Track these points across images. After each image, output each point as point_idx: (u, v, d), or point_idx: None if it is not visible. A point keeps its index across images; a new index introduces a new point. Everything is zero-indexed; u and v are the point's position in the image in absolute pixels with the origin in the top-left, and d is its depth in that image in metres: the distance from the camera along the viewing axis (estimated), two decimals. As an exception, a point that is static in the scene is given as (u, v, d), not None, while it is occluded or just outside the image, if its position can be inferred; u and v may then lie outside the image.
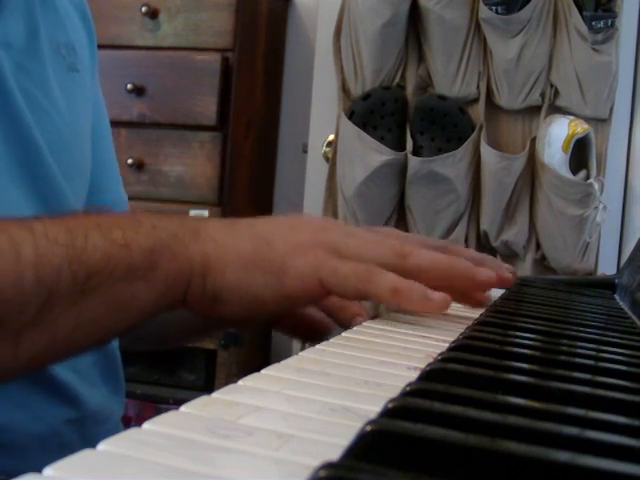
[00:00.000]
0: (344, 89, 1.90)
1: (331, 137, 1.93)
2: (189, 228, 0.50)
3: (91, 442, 0.22)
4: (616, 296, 0.82)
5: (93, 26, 0.78)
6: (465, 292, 0.59)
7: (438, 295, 0.49)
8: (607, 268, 1.81)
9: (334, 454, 0.22)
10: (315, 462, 0.21)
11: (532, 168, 1.83)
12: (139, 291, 0.47)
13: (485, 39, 1.82)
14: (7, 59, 0.62)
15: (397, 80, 1.88)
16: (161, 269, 0.47)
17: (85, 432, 0.65)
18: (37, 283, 0.43)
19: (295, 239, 0.51)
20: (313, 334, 0.63)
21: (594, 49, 1.77)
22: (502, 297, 0.67)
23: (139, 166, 1.95)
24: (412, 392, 0.29)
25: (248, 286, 0.49)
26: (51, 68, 0.67)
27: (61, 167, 0.65)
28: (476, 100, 1.86)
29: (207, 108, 1.94)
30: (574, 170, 1.79)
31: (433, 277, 0.51)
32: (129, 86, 1.94)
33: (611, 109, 1.83)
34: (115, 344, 0.71)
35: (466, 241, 1.87)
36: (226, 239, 0.50)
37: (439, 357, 0.36)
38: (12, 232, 0.44)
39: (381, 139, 1.83)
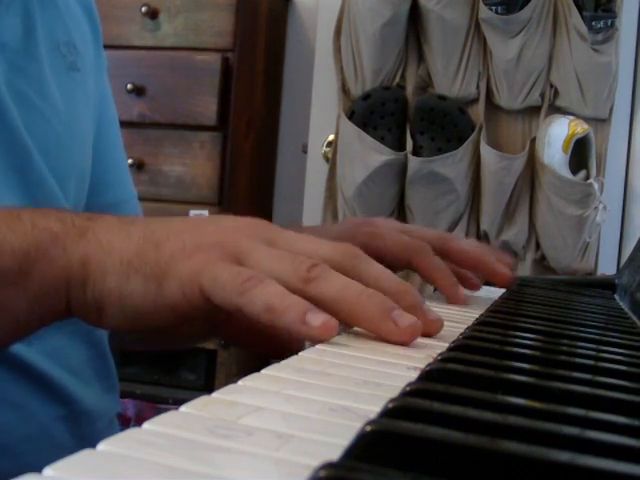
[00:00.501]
0: (344, 89, 1.90)
1: (331, 137, 1.93)
2: (77, 227, 0.45)
3: (84, 440, 0.22)
4: (616, 296, 0.82)
5: (99, 22, 0.77)
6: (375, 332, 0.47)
7: (319, 318, 0.39)
8: (607, 268, 1.81)
9: (334, 454, 0.22)
10: (315, 462, 0.21)
11: (532, 168, 1.83)
12: (10, 298, 0.43)
13: (485, 39, 1.82)
14: (0, 59, 0.61)
15: (397, 80, 1.88)
16: (35, 275, 0.43)
17: (78, 431, 0.65)
18: None
19: (189, 240, 0.44)
20: (268, 344, 0.53)
21: (594, 49, 1.77)
22: (502, 297, 0.67)
23: (139, 166, 1.95)
24: (412, 392, 0.29)
25: (127, 295, 0.43)
26: (49, 68, 0.66)
27: (54, 168, 0.64)
28: (476, 100, 1.86)
29: (207, 108, 1.94)
30: (574, 170, 1.79)
31: (336, 312, 0.41)
32: (129, 86, 1.94)
33: (611, 109, 1.83)
34: (105, 342, 0.71)
35: (466, 241, 1.87)
36: (112, 241, 0.44)
37: (439, 357, 0.36)
38: None
39: (381, 139, 1.83)
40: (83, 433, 0.65)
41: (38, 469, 0.20)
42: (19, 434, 0.60)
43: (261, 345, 0.53)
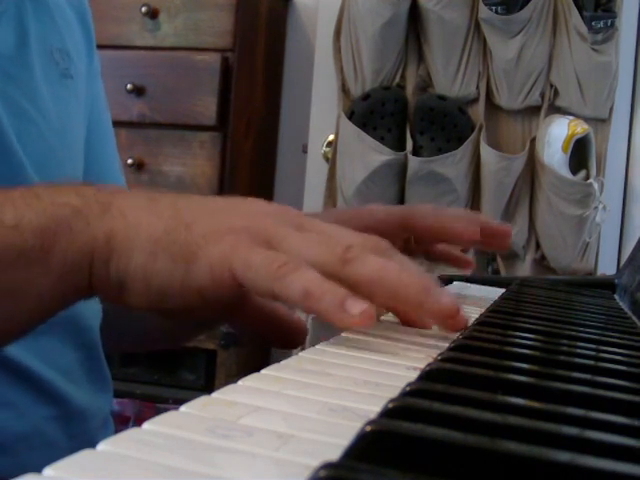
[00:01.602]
0: (344, 89, 1.90)
1: (331, 137, 1.93)
2: (100, 202, 0.44)
3: (77, 439, 0.22)
4: (616, 296, 0.82)
5: (93, 28, 0.77)
6: (409, 315, 0.49)
7: (358, 306, 0.39)
8: (607, 268, 1.81)
9: (334, 454, 0.22)
10: (315, 462, 0.21)
11: (532, 168, 1.83)
12: (34, 277, 0.42)
13: (485, 39, 1.82)
14: None
15: (397, 80, 1.89)
16: (57, 251, 0.42)
17: (70, 430, 0.65)
18: None
19: (219, 223, 0.43)
20: (276, 335, 0.52)
21: (594, 49, 1.77)
22: (502, 297, 0.67)
23: (139, 166, 1.95)
24: (412, 392, 0.29)
25: (153, 274, 0.42)
26: (42, 75, 0.66)
27: (45, 177, 0.64)
28: (476, 100, 1.86)
29: (207, 108, 1.94)
30: (574, 170, 1.79)
31: (374, 293, 0.41)
32: (129, 86, 1.94)
33: (611, 109, 1.83)
34: (98, 343, 0.71)
35: (466, 241, 1.87)
36: (139, 217, 0.43)
37: (439, 357, 0.36)
38: None
39: (381, 139, 1.83)
40: (76, 432, 0.65)
41: (32, 468, 0.20)
42: (11, 433, 0.60)
43: (267, 334, 0.52)
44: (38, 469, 0.20)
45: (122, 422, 1.79)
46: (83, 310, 0.67)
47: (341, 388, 0.31)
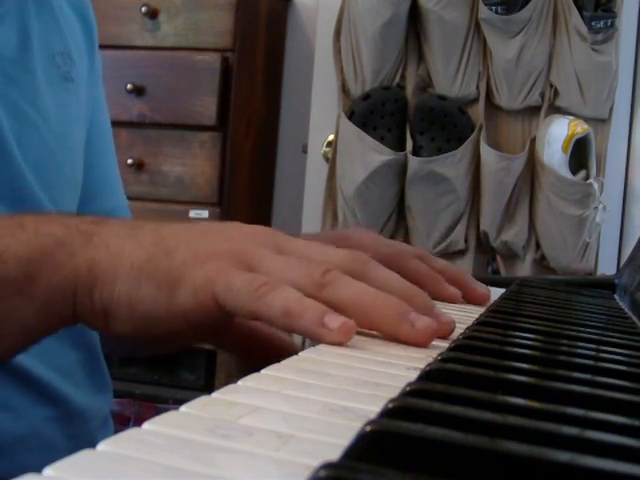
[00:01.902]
0: (344, 89, 1.90)
1: (331, 137, 1.93)
2: (82, 232, 0.45)
3: (76, 440, 0.22)
4: (616, 296, 0.82)
5: (95, 31, 0.77)
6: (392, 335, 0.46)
7: (337, 321, 0.39)
8: (607, 268, 1.81)
9: (334, 454, 0.22)
10: (315, 462, 0.21)
11: (532, 168, 1.83)
12: (17, 306, 0.43)
13: (485, 39, 1.82)
14: None
15: (397, 80, 1.89)
16: (41, 281, 0.43)
17: (69, 430, 0.65)
18: None
19: (200, 248, 0.43)
20: (262, 352, 0.53)
21: (594, 49, 1.77)
22: (502, 297, 0.67)
23: (139, 166, 1.95)
24: (412, 392, 0.29)
25: (138, 301, 0.42)
26: (43, 78, 0.66)
27: (44, 181, 0.64)
28: (476, 100, 1.86)
29: (207, 108, 1.94)
30: (574, 170, 1.79)
31: (351, 316, 0.41)
32: (129, 86, 1.94)
33: (611, 109, 1.83)
34: (97, 344, 0.71)
35: (466, 241, 1.88)
36: (121, 246, 0.43)
37: (439, 357, 0.36)
38: None
39: (381, 139, 1.83)
40: (75, 433, 0.65)
41: (30, 469, 0.20)
42: (10, 434, 0.60)
43: (256, 354, 0.53)
44: (36, 471, 0.20)
45: (122, 422, 1.79)
46: None
47: (341, 388, 0.31)
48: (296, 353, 0.45)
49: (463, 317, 0.55)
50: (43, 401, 0.63)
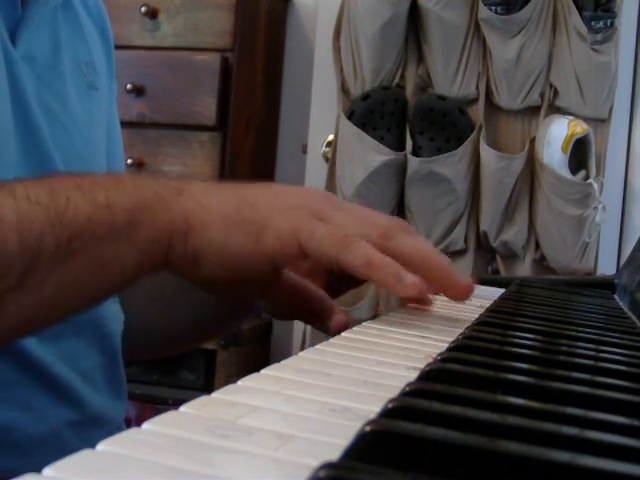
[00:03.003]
0: (344, 89, 1.90)
1: (330, 137, 1.93)
2: (173, 187, 0.50)
3: (90, 444, 0.22)
4: (615, 296, 0.82)
5: (112, 43, 0.79)
6: (441, 288, 0.55)
7: (411, 278, 0.47)
8: (606, 268, 1.81)
9: (334, 454, 0.22)
10: (315, 462, 0.21)
11: (531, 168, 1.83)
12: (121, 251, 0.47)
13: (485, 39, 1.82)
14: (30, 73, 0.63)
15: (397, 80, 1.88)
16: (143, 228, 0.48)
17: (85, 435, 0.65)
18: (20, 247, 0.44)
19: (279, 202, 0.50)
20: (311, 311, 0.58)
21: (593, 49, 1.77)
22: (502, 297, 0.67)
23: (139, 166, 1.95)
24: (411, 392, 0.29)
25: (227, 245, 0.48)
26: (72, 84, 0.68)
27: None
28: (475, 100, 1.86)
29: (206, 108, 1.94)
30: (573, 170, 1.79)
31: (412, 264, 0.49)
32: (129, 86, 1.94)
33: (610, 109, 1.83)
34: (119, 350, 0.72)
35: (465, 241, 1.88)
36: (209, 199, 0.50)
37: (438, 357, 0.36)
38: None
39: (380, 139, 1.83)
40: (90, 437, 0.65)
41: None
42: (29, 434, 0.61)
43: (299, 308, 0.58)
44: None
45: (125, 424, 1.79)
46: (107, 316, 0.69)
47: (341, 388, 0.31)
48: (330, 317, 0.56)
49: (463, 317, 0.55)
50: (63, 403, 0.64)
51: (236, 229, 0.48)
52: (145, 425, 0.24)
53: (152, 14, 1.96)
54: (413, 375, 0.33)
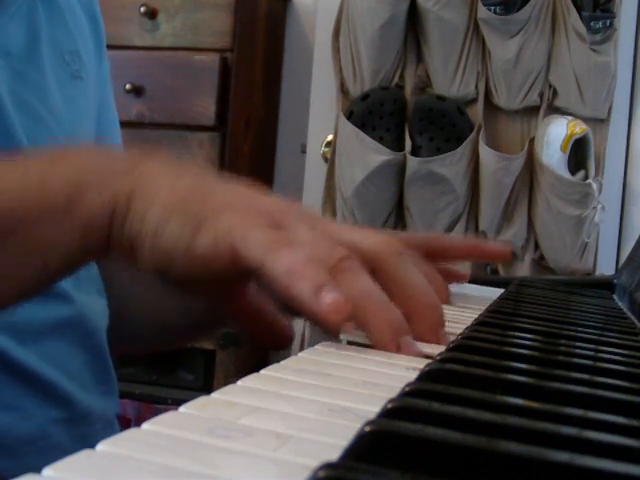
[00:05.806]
0: (343, 89, 1.90)
1: (330, 137, 1.93)
2: (123, 166, 0.46)
3: (83, 442, 0.22)
4: (615, 296, 0.82)
5: (103, 29, 0.77)
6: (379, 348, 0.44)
7: (331, 298, 0.38)
8: (606, 268, 1.81)
9: (333, 454, 0.22)
10: (314, 462, 0.21)
11: (531, 168, 1.83)
12: (59, 232, 0.45)
13: (484, 39, 1.83)
14: (4, 67, 0.62)
15: (396, 80, 1.88)
16: (82, 204, 0.44)
17: (76, 432, 0.65)
18: None
19: (238, 202, 0.44)
20: (264, 334, 0.52)
21: (592, 49, 1.77)
22: (501, 297, 0.67)
23: (138, 166, 1.95)
24: (411, 392, 0.29)
25: (162, 236, 0.43)
26: (53, 76, 0.67)
27: None
28: (475, 100, 1.86)
29: (206, 108, 1.94)
30: (573, 170, 1.79)
31: (353, 311, 0.39)
32: (128, 86, 1.94)
33: (610, 109, 1.83)
34: (105, 346, 0.71)
35: (465, 241, 1.88)
36: (162, 181, 0.45)
37: (438, 357, 0.36)
38: None
39: (380, 139, 1.83)
40: (81, 434, 0.65)
41: (36, 470, 0.20)
42: (17, 435, 0.60)
43: (255, 331, 0.52)
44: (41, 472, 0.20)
45: (123, 424, 1.79)
46: (90, 312, 0.68)
47: (340, 388, 0.31)
48: (288, 346, 0.48)
49: (462, 317, 0.55)
50: (50, 402, 0.63)
51: (175, 219, 0.43)
52: (145, 425, 0.24)
53: (151, 14, 1.96)
54: (412, 375, 0.33)
